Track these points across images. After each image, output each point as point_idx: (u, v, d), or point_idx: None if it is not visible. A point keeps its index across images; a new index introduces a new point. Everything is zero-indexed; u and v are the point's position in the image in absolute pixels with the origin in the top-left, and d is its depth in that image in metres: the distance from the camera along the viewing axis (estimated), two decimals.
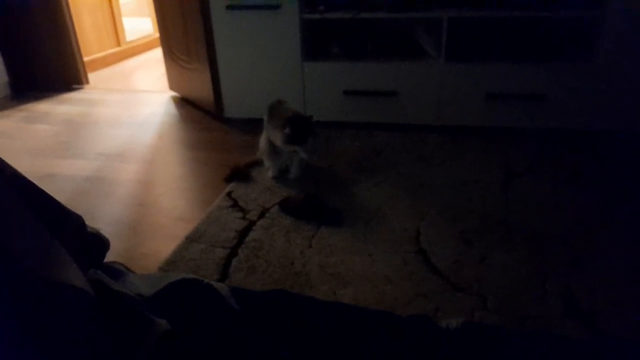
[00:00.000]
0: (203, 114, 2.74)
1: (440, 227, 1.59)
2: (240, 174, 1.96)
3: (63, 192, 1.92)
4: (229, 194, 1.84)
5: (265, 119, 1.93)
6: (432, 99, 2.32)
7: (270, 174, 1.96)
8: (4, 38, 3.15)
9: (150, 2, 3.30)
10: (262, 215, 1.69)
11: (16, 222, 0.84)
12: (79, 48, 3.27)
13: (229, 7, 2.32)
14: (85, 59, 3.46)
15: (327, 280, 1.35)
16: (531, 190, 1.80)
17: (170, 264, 1.45)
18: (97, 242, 1.22)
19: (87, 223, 1.18)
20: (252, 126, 2.29)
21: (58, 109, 2.96)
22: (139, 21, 4.88)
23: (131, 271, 1.30)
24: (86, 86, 3.36)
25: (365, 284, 1.34)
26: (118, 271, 1.22)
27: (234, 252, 1.50)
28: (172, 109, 2.88)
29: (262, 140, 1.96)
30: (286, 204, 1.72)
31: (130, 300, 1.00)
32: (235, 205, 1.76)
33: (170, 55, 2.94)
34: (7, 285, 0.74)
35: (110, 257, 1.32)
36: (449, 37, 2.19)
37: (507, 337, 1.10)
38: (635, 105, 2.15)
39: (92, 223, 1.27)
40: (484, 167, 1.99)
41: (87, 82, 3.39)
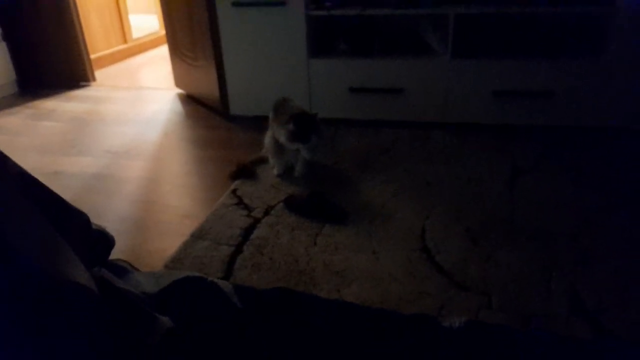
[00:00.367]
0: (209, 111, 2.75)
1: (446, 225, 1.59)
2: (245, 171, 1.96)
3: (69, 189, 1.94)
4: (234, 191, 1.84)
5: (271, 116, 1.93)
6: (438, 96, 2.31)
7: (275, 171, 1.96)
8: (11, 36, 3.17)
9: None
10: (267, 213, 1.69)
11: (22, 219, 0.84)
12: (85, 45, 3.30)
13: (235, 4, 2.32)
14: (92, 56, 3.48)
15: (332, 278, 1.35)
16: (537, 188, 1.79)
17: (176, 261, 1.45)
18: (102, 239, 1.22)
19: (93, 220, 1.18)
20: (258, 124, 2.29)
21: (65, 106, 2.98)
22: (146, 18, 4.89)
23: (135, 269, 1.31)
24: (93, 83, 3.38)
25: (370, 281, 1.34)
26: (122, 269, 1.22)
27: (238, 249, 1.50)
28: (178, 106, 2.89)
29: (268, 138, 1.96)
30: (291, 201, 1.72)
31: (134, 297, 1.00)
32: (240, 202, 1.77)
33: (176, 53, 2.94)
34: (12, 282, 0.75)
35: (116, 254, 1.33)
36: (455, 34, 2.18)
37: (510, 336, 1.10)
38: None
39: (98, 220, 1.28)
40: (490, 164, 1.98)
41: (94, 79, 3.41)
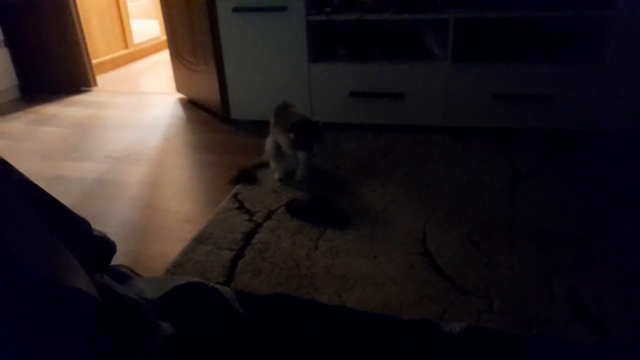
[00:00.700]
0: (210, 116, 2.76)
1: (447, 228, 1.59)
2: (246, 176, 1.97)
3: (71, 194, 1.94)
4: (235, 195, 1.85)
5: (272, 121, 1.94)
6: (438, 100, 2.31)
7: (276, 176, 1.96)
8: (13, 41, 3.19)
9: (158, 4, 3.32)
10: (268, 217, 1.69)
11: (23, 226, 0.84)
12: (87, 51, 3.31)
13: (236, 9, 2.32)
14: (94, 61, 3.49)
15: (333, 283, 1.35)
16: (538, 191, 1.79)
17: (177, 266, 1.45)
18: (103, 245, 1.22)
19: (94, 225, 1.18)
20: (259, 128, 2.29)
21: (66, 111, 2.98)
22: (147, 24, 4.91)
23: (137, 274, 1.31)
24: (94, 88, 3.39)
25: (371, 286, 1.34)
26: (124, 274, 1.22)
27: (240, 254, 1.50)
28: (179, 111, 2.90)
29: (269, 143, 1.96)
30: (292, 205, 1.72)
31: (135, 304, 1.00)
32: (241, 207, 1.77)
33: (178, 58, 2.95)
34: (13, 288, 0.75)
35: (118, 259, 1.33)
36: (455, 38, 2.18)
37: (511, 341, 1.09)
38: None
39: (99, 225, 1.28)
40: (491, 168, 1.98)
41: (95, 84, 3.42)
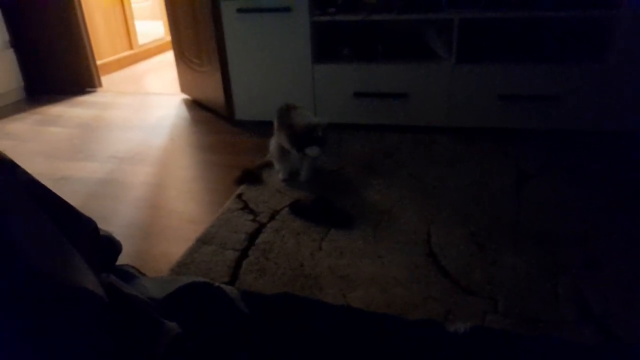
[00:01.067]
0: (214, 116, 2.76)
1: (451, 229, 1.59)
2: (250, 176, 1.97)
3: (76, 194, 1.95)
4: (239, 196, 1.85)
5: (275, 122, 1.94)
6: (443, 101, 2.31)
7: (280, 176, 1.96)
8: (19, 43, 3.20)
9: (163, 5, 3.33)
10: (272, 218, 1.70)
11: (30, 225, 0.85)
12: (92, 51, 3.32)
13: (240, 10, 2.33)
14: (99, 62, 3.50)
15: (337, 283, 1.36)
16: (543, 192, 1.78)
17: (182, 266, 1.46)
18: (109, 245, 1.23)
19: (99, 226, 1.18)
20: (263, 129, 2.30)
21: (71, 111, 3.00)
22: (151, 24, 4.92)
23: (142, 274, 1.31)
24: (99, 89, 3.41)
25: (375, 286, 1.34)
26: (129, 274, 1.23)
27: (244, 254, 1.50)
28: (184, 112, 2.90)
29: (273, 143, 1.96)
30: (296, 206, 1.72)
31: (141, 303, 1.01)
32: (245, 207, 1.77)
33: (182, 58, 2.96)
34: (21, 287, 0.76)
35: (123, 259, 1.33)
36: (459, 39, 2.18)
37: (516, 342, 1.09)
38: None
39: (105, 225, 1.28)
40: (495, 168, 1.98)
41: (100, 85, 3.44)
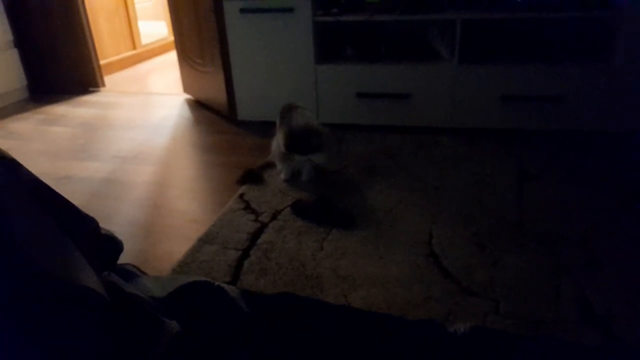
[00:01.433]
0: (217, 116, 2.77)
1: (453, 230, 1.58)
2: (252, 176, 1.97)
3: (79, 193, 1.96)
4: (241, 196, 1.85)
5: (278, 122, 1.94)
6: (445, 102, 2.31)
7: (282, 176, 1.96)
8: (23, 42, 3.21)
9: (166, 5, 3.34)
10: (274, 218, 1.70)
11: (33, 224, 0.85)
12: (95, 51, 3.33)
13: (243, 10, 2.33)
14: (102, 62, 3.51)
15: (338, 283, 1.35)
16: (545, 193, 1.78)
17: (183, 265, 1.46)
18: (111, 244, 1.23)
19: (102, 225, 1.19)
20: (265, 129, 2.30)
21: (75, 111, 3.01)
22: (155, 25, 4.93)
23: (143, 273, 1.32)
24: (102, 89, 3.41)
25: (377, 287, 1.34)
26: (131, 273, 1.23)
27: (245, 254, 1.50)
28: (186, 112, 2.91)
29: (275, 143, 1.97)
30: (298, 206, 1.73)
31: (142, 302, 1.01)
32: (247, 207, 1.77)
33: (185, 58, 2.97)
34: (23, 285, 0.76)
35: (125, 258, 1.34)
36: (462, 39, 2.18)
37: (516, 342, 1.09)
38: None
39: (107, 224, 1.29)
40: (498, 169, 1.97)
41: (104, 84, 3.44)
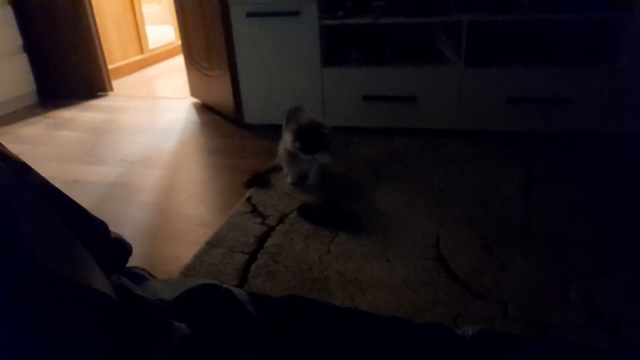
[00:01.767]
0: (224, 120, 2.78)
1: (460, 233, 1.58)
2: (259, 179, 1.98)
3: (87, 197, 1.97)
4: (248, 199, 1.86)
5: (284, 125, 1.95)
6: (451, 104, 2.31)
7: (289, 180, 1.97)
8: (32, 48, 3.25)
9: (173, 10, 3.36)
10: (281, 221, 1.70)
11: (44, 227, 0.86)
12: (103, 56, 3.35)
13: (249, 14, 2.35)
14: (110, 66, 3.54)
15: (345, 286, 1.36)
16: (553, 195, 1.77)
17: (191, 268, 1.47)
18: (120, 247, 1.24)
19: (110, 228, 1.20)
20: (272, 132, 2.31)
21: (83, 116, 3.03)
22: (162, 29, 4.97)
23: (152, 276, 1.33)
24: (110, 93, 3.44)
25: (384, 290, 1.34)
26: (140, 276, 1.24)
27: (253, 257, 1.51)
28: (194, 116, 2.93)
29: (281, 147, 1.97)
30: (305, 209, 1.73)
31: (151, 304, 1.02)
32: (254, 210, 1.78)
33: (192, 63, 2.99)
34: (33, 288, 0.77)
35: (133, 261, 1.35)
36: (468, 41, 2.18)
37: (524, 345, 1.09)
38: None
39: (115, 228, 1.29)
40: (505, 171, 1.97)
41: (112, 89, 3.47)
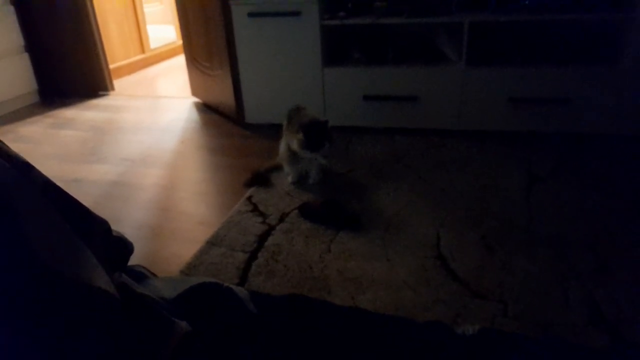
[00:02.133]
0: (225, 119, 2.78)
1: (461, 232, 1.58)
2: (260, 179, 1.98)
3: (89, 196, 1.97)
4: (249, 198, 1.86)
5: (285, 124, 1.95)
6: (453, 104, 2.31)
7: (289, 179, 1.97)
8: (33, 47, 3.25)
9: (174, 10, 3.37)
10: (281, 220, 1.71)
11: (46, 225, 0.86)
12: (104, 55, 3.36)
13: (251, 14, 2.35)
14: (111, 66, 3.54)
15: (346, 285, 1.36)
16: (554, 196, 1.77)
17: (192, 267, 1.47)
18: (122, 245, 1.24)
19: (112, 227, 1.20)
20: (273, 132, 2.31)
21: (84, 115, 3.03)
22: (163, 29, 4.97)
23: (153, 274, 1.33)
24: (112, 92, 3.44)
25: (384, 289, 1.34)
26: (141, 274, 1.24)
27: (253, 256, 1.51)
28: (194, 115, 2.93)
29: (282, 146, 1.97)
30: (305, 208, 1.73)
31: (152, 302, 1.02)
32: (255, 209, 1.78)
33: (193, 62, 2.99)
34: (35, 286, 0.77)
35: (134, 260, 1.34)
36: (470, 42, 2.18)
37: (524, 344, 1.09)
38: None
39: (117, 227, 1.29)
40: (506, 171, 1.97)
41: (113, 88, 3.47)
